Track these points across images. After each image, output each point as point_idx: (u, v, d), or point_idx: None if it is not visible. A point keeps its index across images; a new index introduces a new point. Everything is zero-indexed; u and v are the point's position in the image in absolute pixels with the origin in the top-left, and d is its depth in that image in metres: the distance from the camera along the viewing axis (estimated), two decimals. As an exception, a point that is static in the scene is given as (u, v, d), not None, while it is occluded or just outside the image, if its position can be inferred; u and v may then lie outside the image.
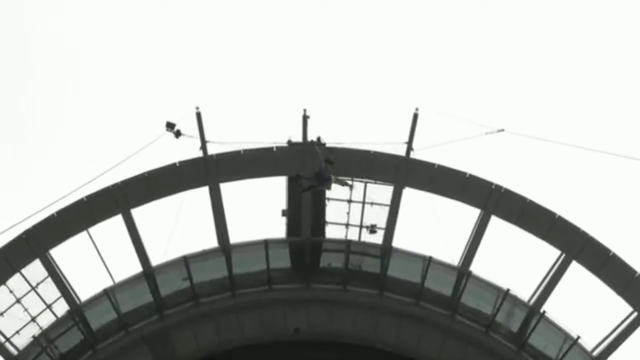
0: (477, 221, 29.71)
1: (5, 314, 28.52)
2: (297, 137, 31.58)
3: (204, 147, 29.64)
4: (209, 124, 31.10)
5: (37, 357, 28.10)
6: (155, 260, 29.07)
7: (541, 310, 29.14)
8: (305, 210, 30.36)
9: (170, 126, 29.87)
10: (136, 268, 29.12)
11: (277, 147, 30.11)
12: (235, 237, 30.24)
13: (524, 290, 30.26)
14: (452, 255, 30.62)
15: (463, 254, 30.04)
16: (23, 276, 27.70)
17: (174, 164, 29.16)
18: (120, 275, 29.36)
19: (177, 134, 29.74)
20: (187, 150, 29.43)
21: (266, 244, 29.72)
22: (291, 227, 31.35)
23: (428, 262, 28.77)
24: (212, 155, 29.91)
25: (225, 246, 29.57)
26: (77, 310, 28.52)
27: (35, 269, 28.69)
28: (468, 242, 29.98)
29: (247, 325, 28.53)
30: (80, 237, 29.06)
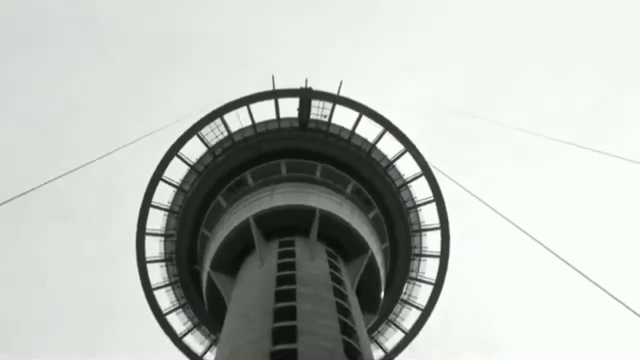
0: (357, 118, 70.94)
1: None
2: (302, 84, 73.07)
3: (273, 84, 70.84)
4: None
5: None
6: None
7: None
8: (302, 109, 71.93)
9: None
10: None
11: (300, 87, 71.10)
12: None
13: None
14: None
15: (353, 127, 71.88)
16: (200, 134, 78.97)
17: (272, 90, 71.27)
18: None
19: None
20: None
21: (292, 120, 72.57)
22: (300, 114, 72.69)
23: (353, 130, 78.24)
24: (274, 90, 71.27)
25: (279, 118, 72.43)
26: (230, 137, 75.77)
27: (217, 124, 74.09)
28: (355, 123, 71.42)
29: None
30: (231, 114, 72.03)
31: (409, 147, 72.20)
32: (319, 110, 73.84)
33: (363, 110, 72.14)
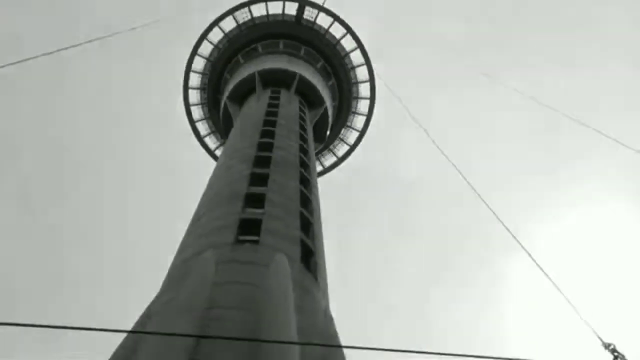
0: (331, 21, 74.35)
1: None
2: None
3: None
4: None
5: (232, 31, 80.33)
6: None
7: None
8: (299, 10, 76.35)
9: None
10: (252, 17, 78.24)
11: (298, -2, 76.15)
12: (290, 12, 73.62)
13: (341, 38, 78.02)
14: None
15: (328, 26, 77.79)
16: (233, 15, 78.74)
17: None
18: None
19: None
20: None
21: (292, 16, 78.60)
22: (297, 14, 72.98)
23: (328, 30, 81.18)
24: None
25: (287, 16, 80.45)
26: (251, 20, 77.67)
27: (245, 10, 79.04)
28: (330, 24, 78.88)
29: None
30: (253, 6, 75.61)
31: (360, 45, 73.00)
32: (309, 13, 73.43)
33: (334, 16, 72.79)
